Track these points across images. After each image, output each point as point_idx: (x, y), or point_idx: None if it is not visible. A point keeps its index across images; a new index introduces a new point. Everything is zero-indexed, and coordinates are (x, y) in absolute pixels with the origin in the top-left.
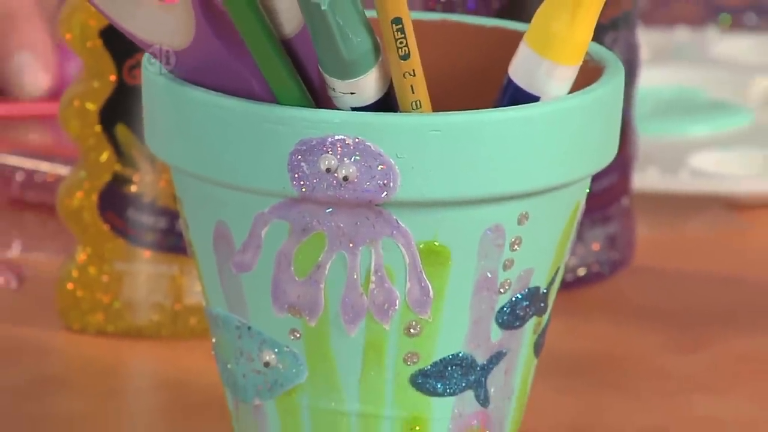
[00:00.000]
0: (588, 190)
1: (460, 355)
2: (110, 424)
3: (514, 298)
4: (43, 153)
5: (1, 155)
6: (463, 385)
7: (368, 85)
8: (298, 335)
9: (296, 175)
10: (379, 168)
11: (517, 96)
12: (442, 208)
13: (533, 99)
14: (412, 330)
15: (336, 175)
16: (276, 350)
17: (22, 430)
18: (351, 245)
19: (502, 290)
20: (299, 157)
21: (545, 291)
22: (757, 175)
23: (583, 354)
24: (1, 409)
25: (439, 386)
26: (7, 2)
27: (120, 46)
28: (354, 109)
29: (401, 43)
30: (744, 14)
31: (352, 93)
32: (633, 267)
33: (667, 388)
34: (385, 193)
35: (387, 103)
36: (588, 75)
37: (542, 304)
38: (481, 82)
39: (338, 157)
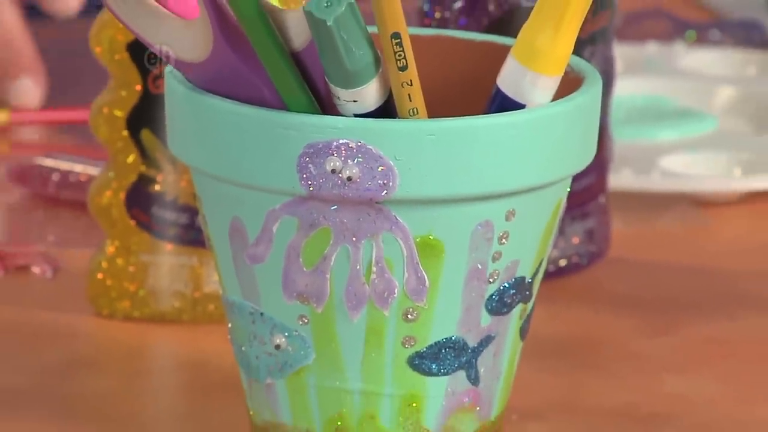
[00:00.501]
0: (569, 189)
1: (453, 338)
2: (136, 401)
3: (501, 287)
4: (77, 155)
5: (38, 158)
6: (456, 366)
7: (370, 94)
8: (306, 321)
9: (304, 176)
10: (379, 169)
11: (504, 104)
12: (436, 205)
13: (519, 106)
14: (409, 316)
15: (340, 175)
16: (286, 334)
17: (57, 406)
18: (354, 239)
19: (491, 280)
20: (307, 159)
21: (530, 280)
22: (721, 175)
23: (564, 337)
24: (38, 387)
25: (434, 367)
26: (4, 28)
27: (145, 58)
28: (357, 115)
29: (400, 55)
30: (708, 31)
31: (354, 101)
32: (609, 258)
33: (639, 368)
34: (385, 192)
35: (387, 110)
36: (569, 85)
37: (527, 293)
38: (472, 91)
39: (342, 159)
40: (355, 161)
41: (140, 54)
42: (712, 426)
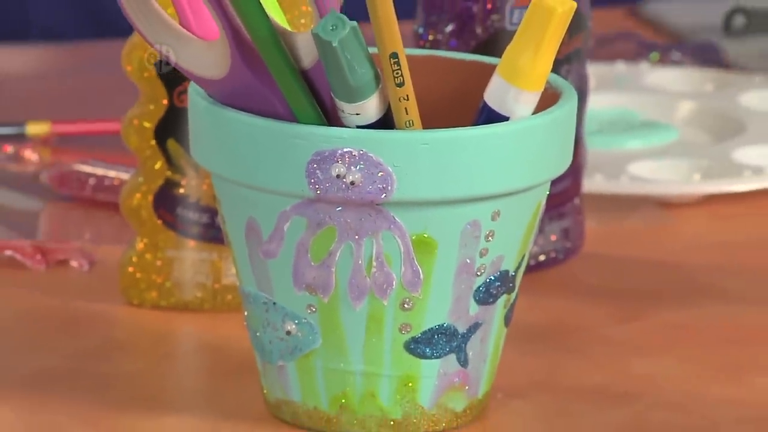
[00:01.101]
0: (547, 192)
1: (445, 325)
2: (163, 381)
3: (488, 280)
4: (110, 162)
5: (76, 164)
6: (447, 350)
7: (370, 107)
8: (313, 309)
9: (312, 180)
10: (379, 174)
11: (490, 116)
12: (430, 206)
13: (504, 118)
14: (405, 305)
15: (345, 180)
16: (296, 321)
17: (92, 385)
18: (357, 237)
19: (478, 273)
20: (315, 165)
21: (513, 273)
22: (682, 180)
23: (544, 324)
24: (75, 368)
25: (427, 350)
26: None
27: (171, 76)
28: (359, 126)
29: (397, 73)
30: (670, 52)
31: (357, 114)
32: (583, 254)
33: (610, 351)
34: (384, 195)
35: (386, 121)
36: (547, 100)
37: (511, 285)
38: (461, 104)
39: (346, 165)
40: (358, 167)
41: (167, 73)
42: (676, 402)
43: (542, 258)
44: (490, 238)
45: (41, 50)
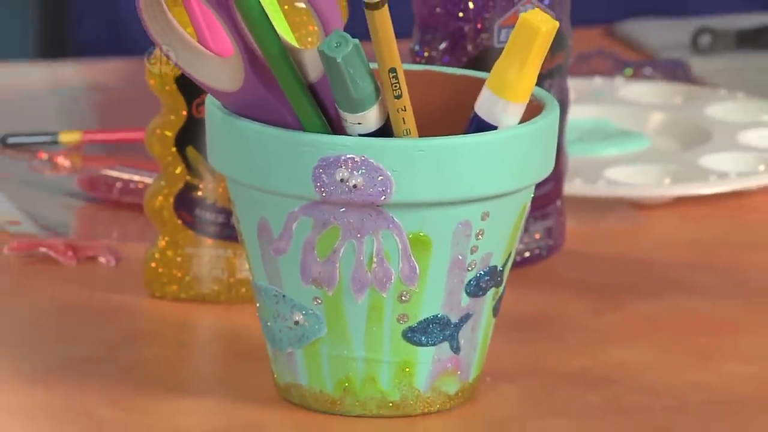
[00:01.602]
0: (532, 195)
1: (439, 316)
2: (183, 366)
3: (478, 274)
4: (135, 167)
5: (104, 169)
6: (441, 338)
7: (371, 117)
8: (319, 301)
9: (318, 184)
10: (379, 178)
11: (480, 125)
12: (425, 208)
13: (492, 128)
14: (403, 297)
15: (348, 183)
16: (303, 312)
17: (118, 370)
18: (359, 235)
19: (469, 268)
20: (320, 170)
21: (501, 269)
22: (654, 184)
23: (529, 315)
24: (103, 355)
25: (423, 339)
26: None
27: (190, 89)
28: (361, 135)
29: (395, 86)
30: (642, 68)
31: (359, 123)
32: (564, 251)
33: (589, 339)
34: (384, 197)
35: (385, 130)
36: (532, 111)
37: (499, 279)
38: (454, 115)
39: (349, 170)
40: (360, 172)
41: (186, 86)
42: (648, 386)
43: (527, 254)
44: (480, 236)
45: (73, 67)
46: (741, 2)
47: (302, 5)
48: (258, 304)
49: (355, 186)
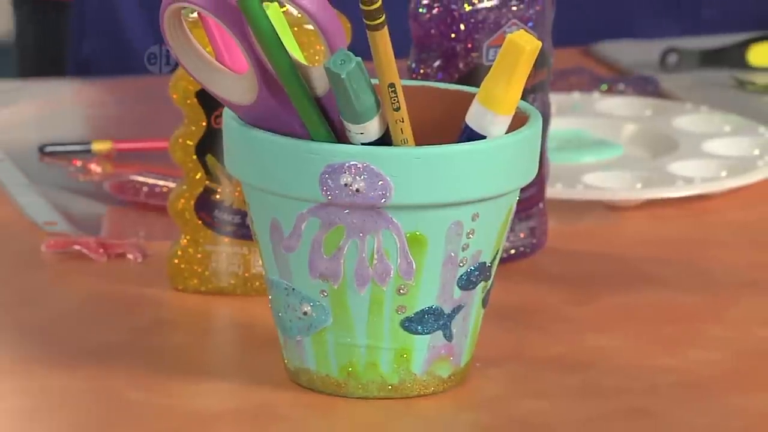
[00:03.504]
0: (517, 198)
1: (433, 307)
2: (203, 352)
3: (469, 270)
4: (160, 173)
5: (133, 175)
6: (435, 327)
7: (372, 128)
8: (325, 294)
9: (324, 188)
10: (379, 183)
11: (471, 135)
12: (421, 209)
13: (482, 137)
14: (401, 290)
15: (351, 188)
16: (311, 304)
17: (144, 356)
18: (361, 234)
19: (461, 264)
20: (326, 175)
21: (490, 265)
22: (627, 188)
23: (514, 306)
24: (130, 342)
25: (419, 328)
26: None
27: (209, 102)
28: (363, 143)
29: (394, 100)
30: (616, 84)
31: (361, 133)
32: (546, 249)
33: (568, 328)
34: (384, 200)
35: (385, 139)
36: (517, 122)
37: (488, 273)
38: (447, 126)
39: (353, 175)
40: (362, 177)
41: (205, 99)
42: (622, 369)
43: (513, 252)
44: (470, 235)
45: (104, 83)
46: (705, 25)
47: (310, 27)
48: (270, 297)
49: (358, 190)
